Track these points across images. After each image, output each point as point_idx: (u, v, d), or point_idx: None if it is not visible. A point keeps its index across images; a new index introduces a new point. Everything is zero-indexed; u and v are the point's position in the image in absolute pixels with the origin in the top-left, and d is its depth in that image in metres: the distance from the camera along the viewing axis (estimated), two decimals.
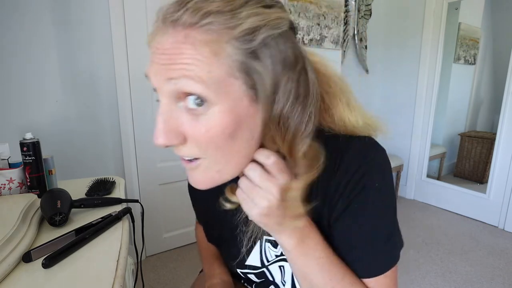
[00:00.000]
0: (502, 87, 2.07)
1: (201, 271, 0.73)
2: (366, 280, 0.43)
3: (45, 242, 0.57)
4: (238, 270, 0.56)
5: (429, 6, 2.32)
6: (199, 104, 0.32)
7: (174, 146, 0.34)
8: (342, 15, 2.20)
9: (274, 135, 0.36)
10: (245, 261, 0.54)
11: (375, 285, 0.42)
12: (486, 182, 2.21)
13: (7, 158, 0.82)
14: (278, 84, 0.34)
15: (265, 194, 0.35)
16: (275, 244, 0.51)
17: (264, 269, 0.54)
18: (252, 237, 0.50)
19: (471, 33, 2.85)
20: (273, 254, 0.52)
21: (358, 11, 2.39)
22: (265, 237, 0.52)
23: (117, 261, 0.54)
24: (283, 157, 0.36)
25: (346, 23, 2.32)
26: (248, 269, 0.55)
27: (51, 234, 0.62)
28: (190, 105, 0.32)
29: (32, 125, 1.31)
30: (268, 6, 0.33)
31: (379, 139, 0.44)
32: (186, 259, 1.73)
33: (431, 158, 2.67)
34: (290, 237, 0.39)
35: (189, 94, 0.32)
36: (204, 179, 0.37)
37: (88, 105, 1.45)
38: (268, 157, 0.35)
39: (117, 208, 0.76)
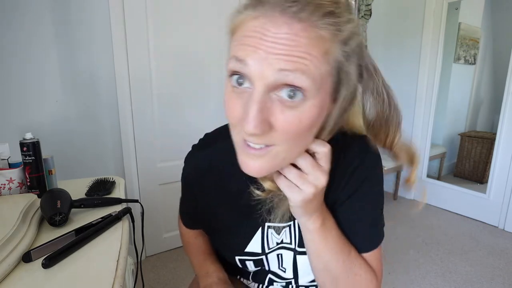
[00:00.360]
0: (502, 87, 2.07)
1: None
2: (363, 254, 0.49)
3: (45, 242, 0.57)
4: (237, 258, 0.56)
5: (429, 6, 2.32)
6: (293, 97, 0.33)
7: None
8: None
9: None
10: (245, 248, 0.54)
11: (369, 257, 0.50)
12: (486, 182, 2.21)
13: (7, 158, 0.82)
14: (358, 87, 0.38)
15: (313, 181, 0.38)
16: (278, 231, 0.53)
17: (263, 257, 0.55)
18: (255, 224, 0.53)
19: (471, 33, 2.85)
20: (274, 241, 0.54)
21: (358, 11, 2.39)
22: (267, 224, 0.53)
23: (117, 261, 0.54)
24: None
25: None
26: (248, 256, 0.55)
27: (51, 234, 0.62)
28: (285, 96, 0.33)
29: (32, 125, 1.31)
30: (352, 13, 0.36)
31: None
32: (186, 259, 1.73)
33: (431, 158, 2.67)
34: (316, 220, 0.44)
35: (291, 86, 0.32)
36: (267, 166, 0.37)
37: (88, 105, 1.45)
38: (325, 145, 0.39)
39: (117, 208, 0.76)
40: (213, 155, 0.54)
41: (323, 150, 0.38)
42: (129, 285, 0.87)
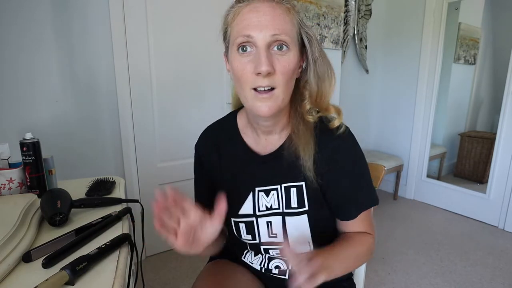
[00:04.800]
0: (502, 87, 2.07)
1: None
2: (354, 220, 0.61)
3: (45, 242, 0.57)
4: (232, 220, 0.64)
5: (429, 6, 2.32)
6: (281, 49, 0.51)
7: (268, 75, 0.50)
8: (342, 15, 2.20)
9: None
10: (240, 210, 0.63)
11: (360, 219, 0.61)
12: (486, 182, 2.21)
13: (7, 158, 0.82)
14: (318, 43, 0.57)
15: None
16: (267, 193, 0.61)
17: (254, 219, 0.62)
18: (247, 188, 0.62)
19: (471, 33, 2.85)
20: (264, 204, 0.62)
21: (358, 11, 2.39)
22: (257, 188, 0.62)
23: (117, 261, 0.54)
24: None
25: (346, 23, 2.32)
26: (241, 218, 0.63)
27: (51, 234, 0.62)
28: (276, 49, 0.51)
29: (32, 125, 1.31)
30: None
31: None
32: (186, 259, 1.73)
33: (431, 158, 2.67)
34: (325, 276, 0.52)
35: (280, 41, 0.51)
36: (274, 105, 0.53)
37: (88, 105, 1.45)
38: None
39: (117, 208, 0.76)
40: (215, 126, 0.70)
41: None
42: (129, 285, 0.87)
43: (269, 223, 0.62)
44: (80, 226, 0.64)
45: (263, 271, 0.67)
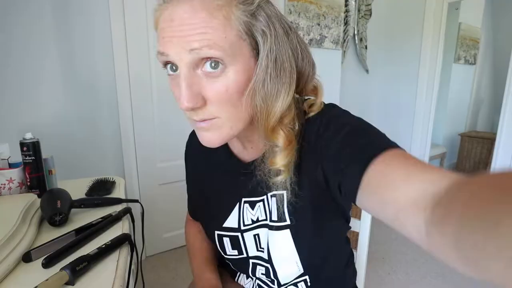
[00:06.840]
0: (502, 87, 2.07)
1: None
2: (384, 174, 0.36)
3: (45, 242, 0.57)
4: (216, 233, 0.57)
5: (429, 6, 2.32)
6: (215, 67, 0.36)
7: (195, 109, 0.38)
8: (342, 15, 2.19)
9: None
10: (224, 222, 0.56)
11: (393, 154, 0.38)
12: None
13: (7, 158, 0.82)
14: (279, 46, 0.39)
15: None
16: (252, 205, 0.53)
17: (239, 234, 0.55)
18: (233, 199, 0.55)
19: (471, 33, 2.86)
20: (249, 217, 0.54)
21: (358, 11, 2.39)
22: (243, 199, 0.54)
23: (117, 261, 0.54)
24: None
25: (346, 23, 2.31)
26: (225, 231, 0.56)
27: (51, 234, 0.62)
28: (208, 69, 0.36)
29: (32, 125, 1.31)
30: None
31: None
32: (186, 259, 1.73)
33: (431, 158, 2.68)
34: None
35: (209, 58, 0.36)
36: (216, 137, 0.40)
37: (88, 106, 1.45)
38: None
39: (117, 208, 0.76)
40: None
41: None
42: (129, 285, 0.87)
43: (256, 236, 0.54)
44: (80, 226, 0.64)
45: None
